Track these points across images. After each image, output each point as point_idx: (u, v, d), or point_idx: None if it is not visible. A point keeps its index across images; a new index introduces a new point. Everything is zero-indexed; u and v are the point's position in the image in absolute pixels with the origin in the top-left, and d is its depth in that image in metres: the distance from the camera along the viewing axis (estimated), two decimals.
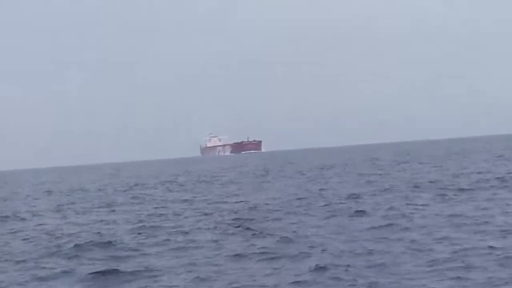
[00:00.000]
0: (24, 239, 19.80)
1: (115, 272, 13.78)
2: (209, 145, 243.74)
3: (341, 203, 24.59)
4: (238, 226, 19.56)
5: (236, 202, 27.94)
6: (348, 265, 12.92)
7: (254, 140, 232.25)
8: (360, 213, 21.06)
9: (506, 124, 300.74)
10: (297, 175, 49.32)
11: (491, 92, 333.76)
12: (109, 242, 17.66)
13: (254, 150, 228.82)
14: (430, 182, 31.61)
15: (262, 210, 23.82)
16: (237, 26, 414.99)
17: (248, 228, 19.00)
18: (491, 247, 13.88)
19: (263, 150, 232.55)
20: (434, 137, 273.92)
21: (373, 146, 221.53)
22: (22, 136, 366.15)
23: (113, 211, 28.06)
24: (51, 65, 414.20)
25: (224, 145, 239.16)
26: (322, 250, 14.82)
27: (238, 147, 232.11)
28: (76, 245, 17.36)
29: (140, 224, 21.84)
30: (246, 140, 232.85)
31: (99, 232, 20.13)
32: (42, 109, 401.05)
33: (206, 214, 23.77)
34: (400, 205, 22.31)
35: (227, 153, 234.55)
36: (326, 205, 24.17)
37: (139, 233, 19.54)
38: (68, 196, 41.37)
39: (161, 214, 24.91)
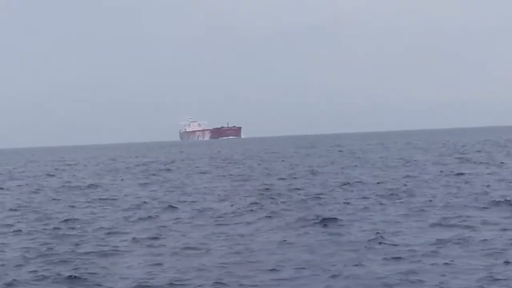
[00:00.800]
0: None
1: None
2: (188, 129, 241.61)
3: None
4: None
5: None
6: None
7: (234, 126, 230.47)
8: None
9: None
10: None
11: None
12: None
13: (234, 136, 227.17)
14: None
15: None
16: (220, 11, 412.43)
17: None
18: None
19: (242, 136, 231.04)
20: None
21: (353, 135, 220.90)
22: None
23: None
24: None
25: (203, 130, 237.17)
26: None
27: (217, 132, 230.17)
28: None
29: None
30: (226, 126, 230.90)
31: None
32: (27, 90, 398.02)
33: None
34: None
35: (206, 138, 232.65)
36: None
37: None
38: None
39: None
